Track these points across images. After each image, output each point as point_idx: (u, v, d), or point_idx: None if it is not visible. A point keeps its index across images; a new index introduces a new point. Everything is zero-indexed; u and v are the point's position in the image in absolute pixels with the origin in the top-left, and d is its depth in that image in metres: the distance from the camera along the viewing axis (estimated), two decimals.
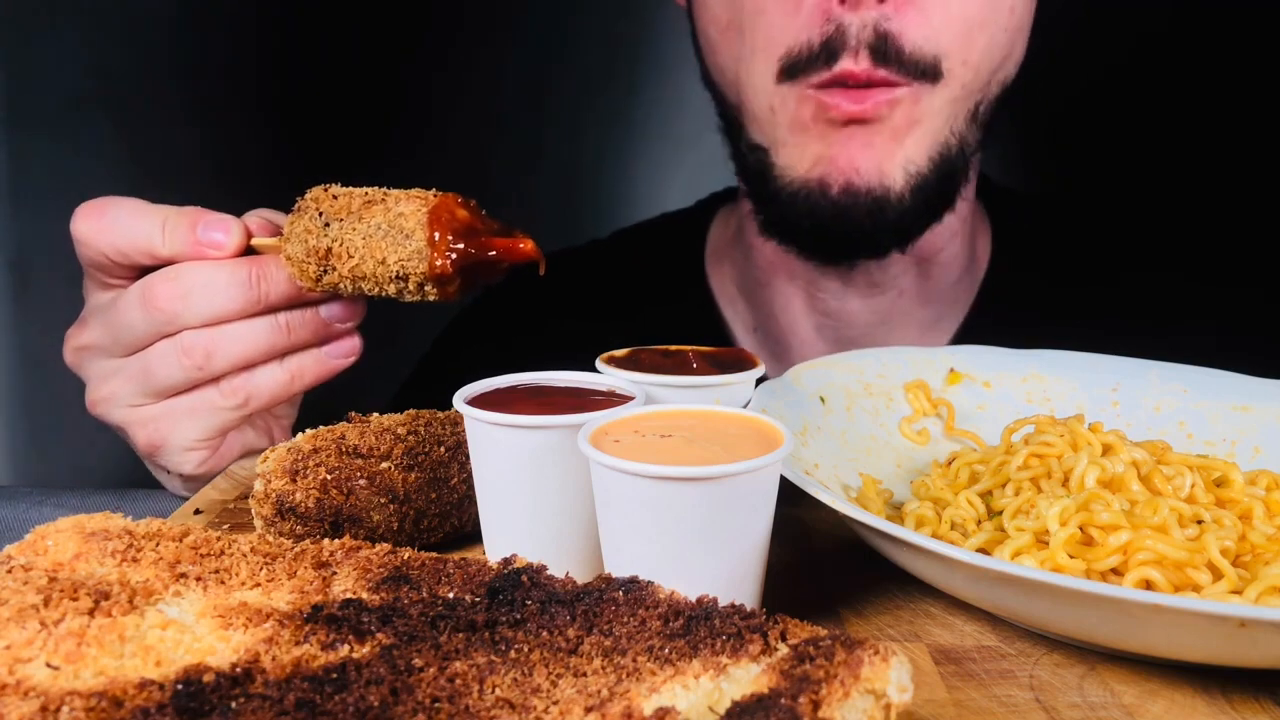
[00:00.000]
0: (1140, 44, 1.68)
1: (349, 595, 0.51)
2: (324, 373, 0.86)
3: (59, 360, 0.87)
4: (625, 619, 0.47)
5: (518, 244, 0.78)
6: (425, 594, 0.50)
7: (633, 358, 0.77)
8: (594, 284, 1.33)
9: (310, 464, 0.66)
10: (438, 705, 0.41)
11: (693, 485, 0.54)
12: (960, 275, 1.18)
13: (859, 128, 0.97)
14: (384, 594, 0.50)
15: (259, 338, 0.81)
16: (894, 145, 0.98)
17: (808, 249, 1.08)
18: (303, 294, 0.82)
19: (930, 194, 1.01)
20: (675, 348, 0.80)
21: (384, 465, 0.68)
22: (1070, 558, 0.60)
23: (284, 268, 0.80)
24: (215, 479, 0.85)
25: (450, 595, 0.50)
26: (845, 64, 0.94)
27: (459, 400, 0.65)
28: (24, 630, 0.45)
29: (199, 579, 0.52)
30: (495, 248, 0.77)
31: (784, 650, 0.43)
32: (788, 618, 0.46)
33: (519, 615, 0.48)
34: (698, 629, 0.45)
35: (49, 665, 0.44)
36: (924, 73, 0.96)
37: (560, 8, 1.92)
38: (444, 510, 0.71)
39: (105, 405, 0.84)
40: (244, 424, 0.87)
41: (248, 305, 0.80)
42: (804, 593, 0.66)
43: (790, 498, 0.64)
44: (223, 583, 0.52)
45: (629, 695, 0.41)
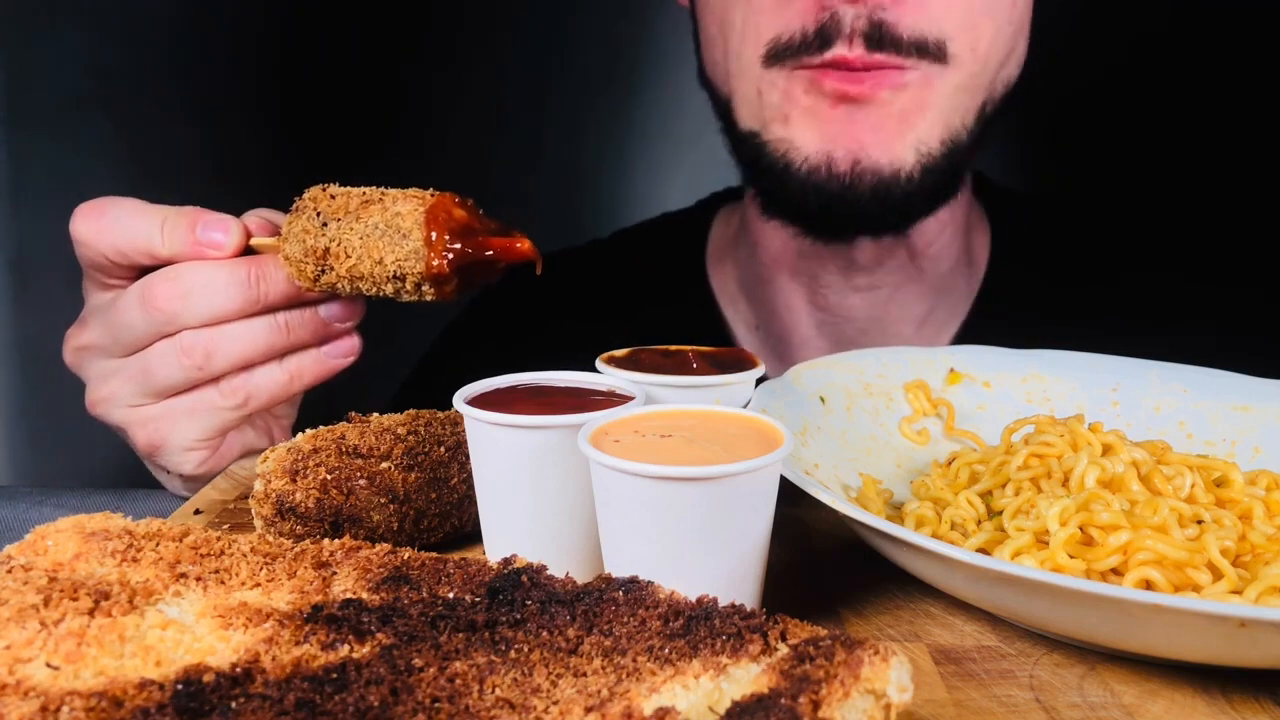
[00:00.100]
0: (1140, 44, 1.68)
1: (349, 595, 0.51)
2: (323, 372, 0.86)
3: (59, 360, 0.87)
4: (625, 619, 0.47)
5: (515, 243, 0.78)
6: (425, 594, 0.50)
7: (633, 358, 0.77)
8: (594, 284, 1.33)
9: (310, 464, 0.67)
10: (438, 705, 0.41)
11: (693, 485, 0.54)
12: (951, 266, 1.18)
13: (861, 110, 0.96)
14: (384, 594, 0.50)
15: (258, 337, 0.81)
16: (904, 128, 0.98)
17: (812, 228, 1.08)
18: (302, 294, 0.82)
19: (939, 177, 1.01)
20: (675, 348, 0.80)
21: (384, 465, 0.68)
22: (1070, 558, 0.60)
23: (283, 267, 0.80)
24: (215, 479, 0.85)
25: (450, 595, 0.50)
26: (839, 50, 0.95)
27: (459, 400, 0.65)
28: (24, 630, 0.45)
29: (199, 579, 0.52)
30: (492, 247, 0.77)
31: (784, 650, 0.43)
32: (788, 618, 0.46)
33: (519, 615, 0.48)
34: (698, 629, 0.45)
35: (49, 665, 0.44)
36: (928, 53, 0.95)
37: (560, 8, 1.92)
38: (444, 510, 0.71)
39: (105, 405, 0.85)
40: (244, 424, 0.87)
41: (247, 305, 0.80)
42: (804, 593, 0.66)
43: (790, 498, 0.64)
44: (223, 583, 0.52)
45: (629, 695, 0.41)
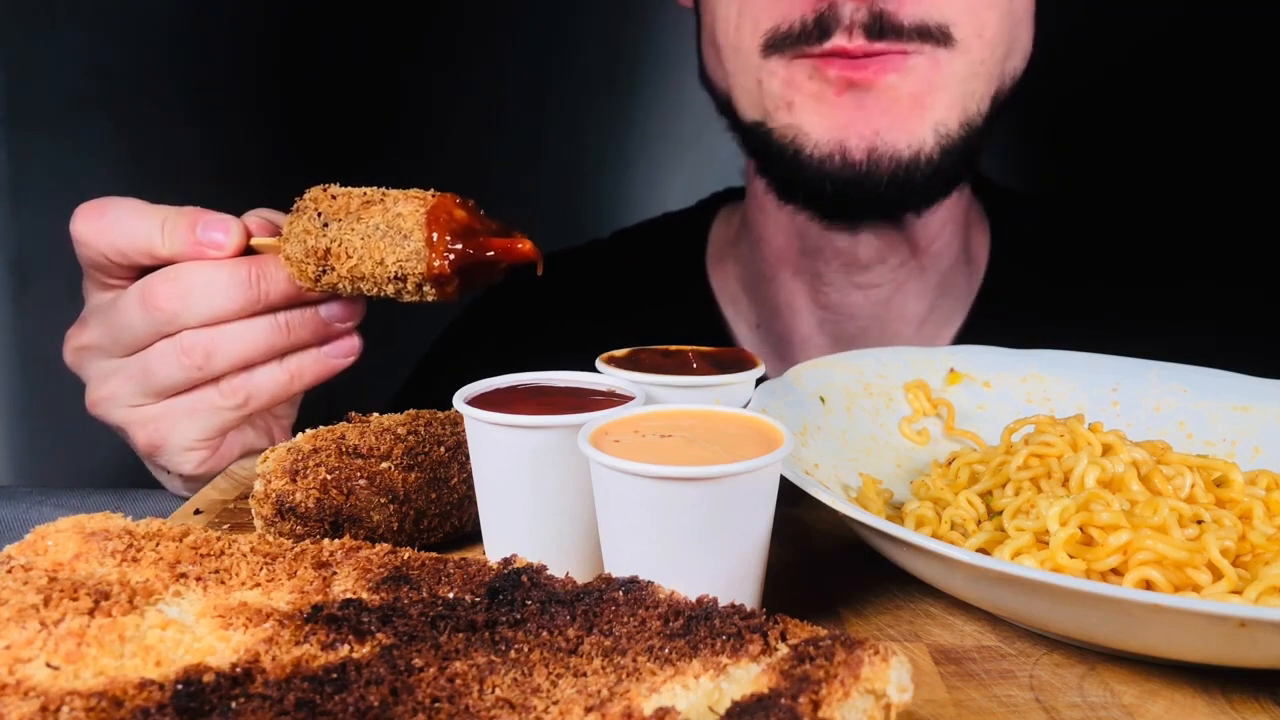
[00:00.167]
0: (1140, 44, 1.68)
1: (349, 595, 0.51)
2: (323, 372, 0.86)
3: (59, 360, 0.87)
4: (625, 619, 0.47)
5: (516, 244, 0.78)
6: (425, 594, 0.50)
7: (633, 358, 0.77)
8: (594, 284, 1.33)
9: (310, 464, 0.67)
10: (438, 705, 0.41)
11: (693, 485, 0.54)
12: (952, 263, 1.18)
13: (870, 95, 0.96)
14: (384, 594, 0.50)
15: (258, 337, 0.81)
16: (920, 109, 0.97)
17: (828, 213, 1.07)
18: (302, 294, 0.82)
19: (956, 158, 1.01)
20: (675, 348, 0.80)
21: (384, 465, 0.68)
22: (1070, 558, 0.60)
23: (283, 267, 0.80)
24: (215, 479, 0.85)
25: (450, 595, 0.50)
26: (838, 41, 0.94)
27: (459, 400, 0.65)
28: (24, 630, 0.45)
29: (199, 579, 0.52)
30: (493, 248, 0.77)
31: (784, 650, 0.43)
32: (788, 618, 0.46)
33: (519, 615, 0.48)
34: (698, 629, 0.45)
35: (49, 665, 0.44)
36: (931, 36, 0.95)
37: (560, 8, 1.92)
38: (444, 510, 0.71)
39: (105, 405, 0.85)
40: (244, 424, 0.87)
41: (247, 305, 0.80)
42: (804, 593, 0.66)
43: (790, 498, 0.64)
44: (223, 583, 0.52)
45: (629, 695, 0.41)
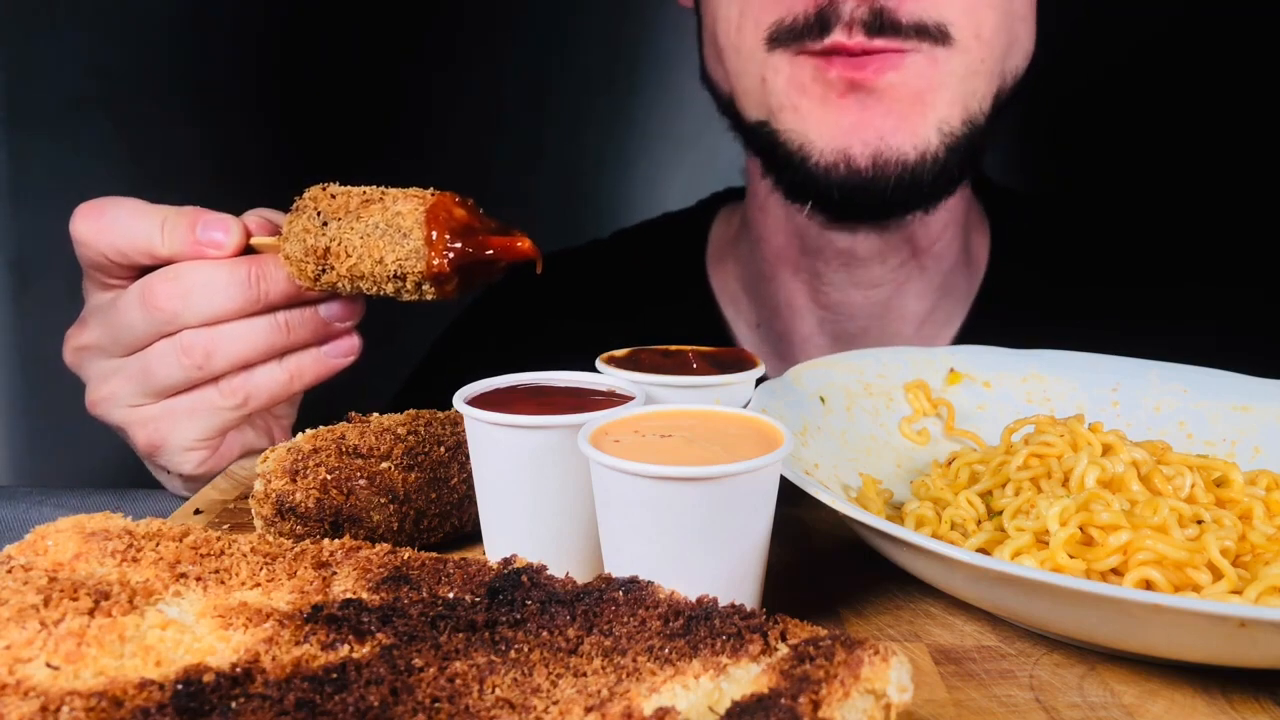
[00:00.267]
0: (1140, 44, 1.67)
1: (349, 595, 0.51)
2: (323, 372, 0.86)
3: (59, 360, 0.87)
4: (625, 619, 0.47)
5: (515, 243, 0.78)
6: (425, 594, 0.50)
7: (633, 358, 0.77)
8: (594, 284, 1.33)
9: (310, 464, 0.66)
10: (438, 705, 0.41)
11: (693, 485, 0.54)
12: (953, 264, 1.18)
13: (873, 98, 0.96)
14: (384, 594, 0.50)
15: (258, 337, 0.81)
16: (922, 109, 0.97)
17: (837, 215, 1.07)
18: (302, 293, 0.82)
19: (961, 156, 1.00)
20: (675, 348, 0.80)
21: (384, 465, 0.68)
22: (1070, 558, 0.60)
23: (283, 267, 0.80)
24: (215, 479, 0.85)
25: (450, 595, 0.50)
26: (837, 37, 0.94)
27: (459, 400, 0.65)
28: (24, 630, 0.45)
29: (199, 579, 0.52)
30: (493, 246, 0.77)
31: (784, 650, 0.43)
32: (788, 618, 0.46)
33: (519, 615, 0.48)
34: (698, 629, 0.45)
35: (49, 665, 0.44)
36: (929, 34, 0.95)
37: (560, 8, 1.91)
38: (444, 510, 0.71)
39: (105, 405, 0.84)
40: (244, 424, 0.87)
41: (247, 304, 0.80)
42: (804, 593, 0.66)
43: (790, 498, 0.64)
44: (223, 583, 0.52)
45: (629, 695, 0.41)
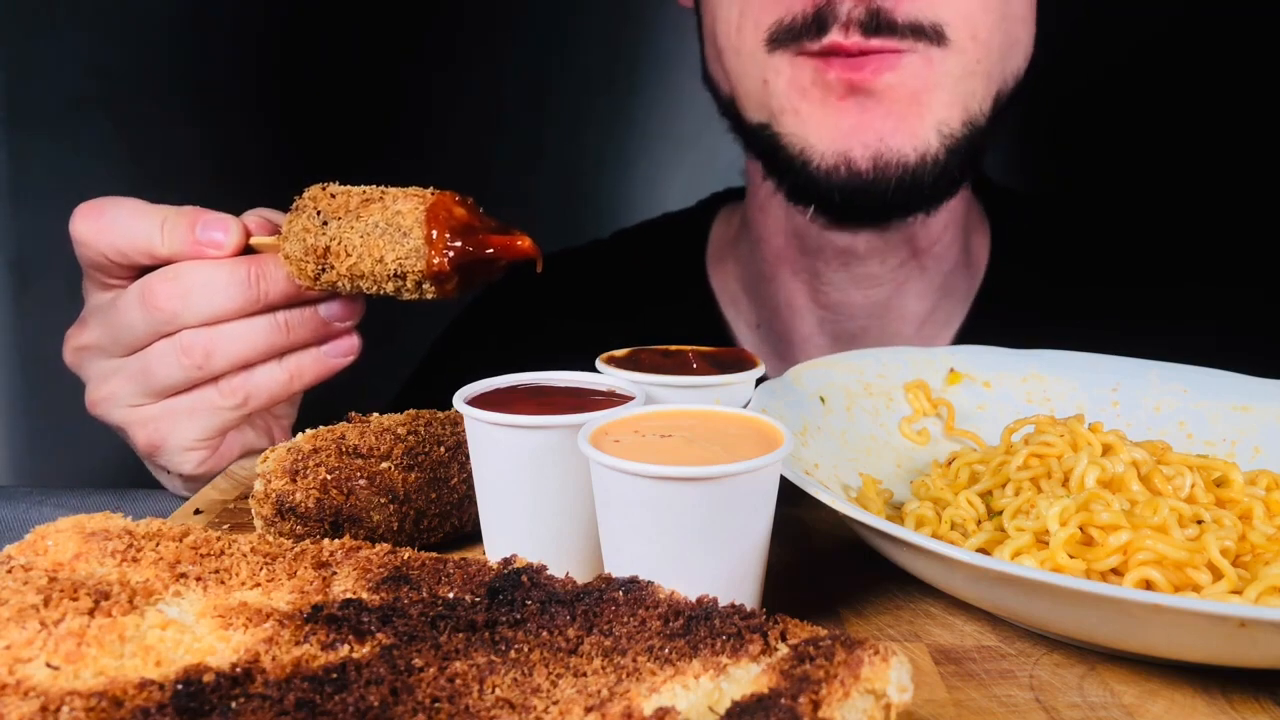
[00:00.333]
0: (1140, 44, 1.67)
1: (349, 595, 0.51)
2: (323, 372, 0.86)
3: (59, 360, 0.87)
4: (625, 619, 0.47)
5: (515, 242, 0.78)
6: (425, 594, 0.50)
7: (633, 358, 0.77)
8: (594, 284, 1.33)
9: (310, 464, 0.66)
10: (438, 705, 0.41)
11: (693, 485, 0.54)
12: (954, 265, 1.18)
13: (872, 99, 0.96)
14: (384, 594, 0.50)
15: (258, 336, 0.81)
16: (919, 109, 0.97)
17: (839, 217, 1.07)
18: (302, 293, 0.82)
19: (961, 157, 1.01)
20: (675, 348, 0.80)
21: (384, 465, 0.68)
22: (1070, 558, 0.60)
23: (283, 266, 0.80)
24: (215, 479, 0.85)
25: (450, 595, 0.50)
26: (834, 37, 0.94)
27: (459, 400, 0.65)
28: (24, 630, 0.45)
29: (199, 579, 0.52)
30: (493, 245, 0.77)
31: (784, 650, 0.43)
32: (788, 618, 0.46)
33: (519, 615, 0.48)
34: (698, 629, 0.45)
35: (49, 665, 0.44)
36: (925, 34, 0.95)
37: (560, 8, 1.91)
38: (444, 510, 0.71)
39: (105, 405, 0.84)
40: (244, 424, 0.87)
41: (247, 304, 0.80)
42: (804, 593, 0.66)
43: (790, 498, 0.64)
44: (223, 583, 0.52)
45: (629, 695, 0.41)
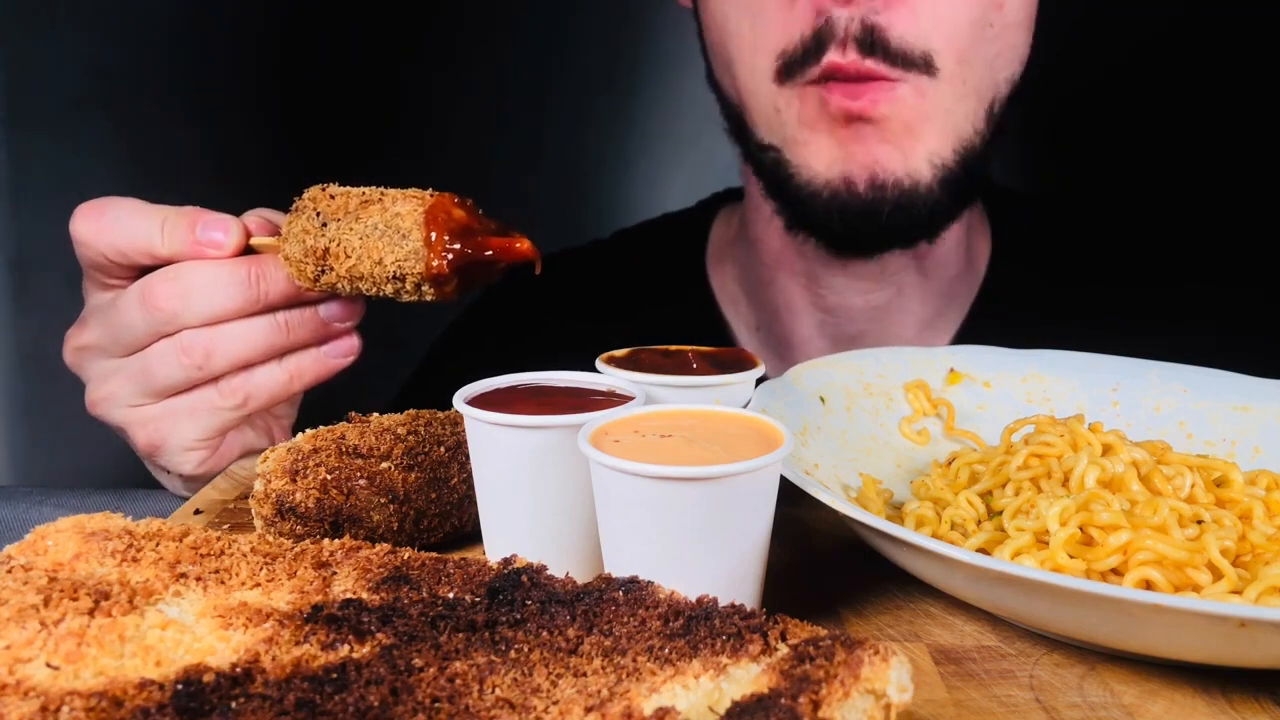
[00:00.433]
0: (1140, 44, 1.67)
1: (349, 595, 0.51)
2: (323, 372, 0.86)
3: (59, 360, 0.87)
4: (625, 619, 0.47)
5: (514, 243, 0.78)
6: (425, 594, 0.50)
7: (633, 358, 0.77)
8: (594, 284, 1.33)
9: (310, 464, 0.66)
10: (438, 705, 0.41)
11: (693, 485, 0.54)
12: (957, 272, 1.18)
13: (869, 127, 0.97)
14: (384, 594, 0.50)
15: (258, 337, 0.81)
16: (912, 139, 0.98)
17: (838, 244, 1.08)
18: (301, 294, 0.82)
19: (957, 186, 1.02)
20: (675, 348, 0.80)
21: (384, 465, 0.68)
22: (1070, 558, 0.60)
23: (282, 267, 0.80)
24: (215, 479, 0.85)
25: (450, 595, 0.50)
26: (833, 56, 0.95)
27: (459, 400, 0.65)
28: (24, 630, 0.45)
29: (199, 579, 0.52)
30: (492, 247, 0.77)
31: (784, 650, 0.43)
32: (788, 618, 0.46)
33: (519, 615, 0.48)
34: (698, 629, 0.45)
35: (49, 665, 0.43)
36: (915, 65, 0.96)
37: (560, 8, 1.92)
38: (444, 510, 0.71)
39: (105, 405, 0.84)
40: (244, 424, 0.87)
41: (247, 304, 0.80)
42: (804, 593, 0.66)
43: (790, 498, 0.64)
44: (223, 583, 0.52)
45: (629, 695, 0.41)
